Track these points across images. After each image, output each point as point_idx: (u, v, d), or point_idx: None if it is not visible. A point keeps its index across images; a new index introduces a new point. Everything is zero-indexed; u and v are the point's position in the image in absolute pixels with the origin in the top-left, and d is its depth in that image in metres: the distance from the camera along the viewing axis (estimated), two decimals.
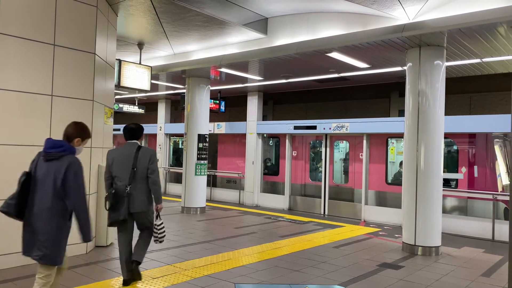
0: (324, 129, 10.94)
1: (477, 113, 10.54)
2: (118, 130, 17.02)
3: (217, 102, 12.62)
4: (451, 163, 9.28)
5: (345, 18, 7.14)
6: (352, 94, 12.58)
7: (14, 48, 5.26)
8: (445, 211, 8.68)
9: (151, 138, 16.47)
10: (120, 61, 8.23)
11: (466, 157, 9.14)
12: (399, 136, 9.64)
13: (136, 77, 8.55)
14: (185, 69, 9.77)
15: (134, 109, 14.12)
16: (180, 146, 15.72)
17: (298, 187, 11.88)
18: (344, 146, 11.54)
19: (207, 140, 10.78)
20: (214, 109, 12.40)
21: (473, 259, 6.66)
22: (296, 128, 11.57)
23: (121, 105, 13.70)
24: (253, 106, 12.84)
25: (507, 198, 7.86)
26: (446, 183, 8.84)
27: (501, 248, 7.42)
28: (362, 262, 6.18)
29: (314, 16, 7.53)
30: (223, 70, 9.61)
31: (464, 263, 6.37)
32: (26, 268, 5.17)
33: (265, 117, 14.00)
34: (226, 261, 5.93)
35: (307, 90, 12.93)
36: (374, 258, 6.43)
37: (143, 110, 14.42)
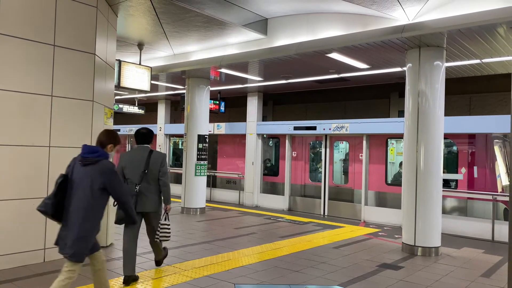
0: (324, 130, 10.95)
1: (477, 114, 10.55)
2: (118, 131, 16.93)
3: (217, 103, 12.61)
4: (451, 164, 9.28)
5: (345, 19, 7.15)
6: (352, 95, 12.58)
7: (14, 49, 5.26)
8: (445, 212, 8.68)
9: None
10: (120, 62, 8.23)
11: (466, 158, 9.13)
12: (399, 137, 9.65)
13: (136, 78, 8.55)
14: (185, 70, 9.77)
15: (134, 110, 14.12)
16: (180, 147, 15.71)
17: (298, 188, 11.88)
18: (344, 147, 11.54)
19: (207, 141, 10.79)
20: (214, 110, 12.40)
21: (473, 260, 6.66)
22: (296, 129, 11.58)
23: (121, 106, 13.71)
24: (253, 107, 12.84)
25: (507, 199, 7.85)
26: (446, 184, 8.83)
27: (501, 249, 7.42)
28: (362, 263, 6.18)
29: (314, 17, 7.54)
30: (223, 71, 9.62)
31: (464, 264, 6.37)
32: (26, 269, 5.18)
33: (265, 118, 14.00)
34: (226, 262, 5.93)
35: (307, 91, 12.93)
36: (374, 259, 6.44)
37: (143, 111, 14.42)
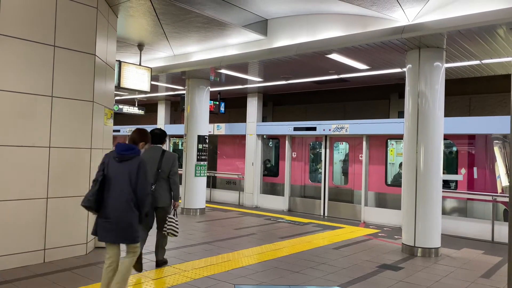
0: (324, 131, 10.95)
1: (477, 115, 10.56)
2: (118, 131, 16.96)
3: (217, 103, 12.62)
4: (451, 165, 9.28)
5: (345, 20, 7.15)
6: (352, 96, 12.59)
7: (15, 49, 5.27)
8: (445, 213, 8.69)
9: None
10: (120, 62, 8.24)
11: (466, 159, 9.13)
12: (399, 138, 9.65)
13: (136, 78, 8.55)
14: (185, 70, 9.78)
15: (134, 110, 14.13)
16: (180, 147, 15.71)
17: (298, 188, 11.88)
18: (344, 148, 11.54)
19: (207, 141, 10.79)
20: (214, 110, 12.41)
21: (473, 261, 6.66)
22: (296, 130, 11.57)
23: (121, 106, 13.72)
24: (253, 107, 12.84)
25: (507, 200, 7.85)
26: (446, 185, 8.84)
27: (501, 250, 7.42)
28: (362, 264, 6.18)
29: (314, 18, 7.55)
30: (223, 71, 9.62)
31: (464, 265, 6.37)
32: (27, 269, 5.18)
33: (265, 118, 14.01)
34: (226, 262, 5.93)
35: (307, 92, 12.94)
36: (374, 260, 6.44)
37: (143, 111, 14.43)
